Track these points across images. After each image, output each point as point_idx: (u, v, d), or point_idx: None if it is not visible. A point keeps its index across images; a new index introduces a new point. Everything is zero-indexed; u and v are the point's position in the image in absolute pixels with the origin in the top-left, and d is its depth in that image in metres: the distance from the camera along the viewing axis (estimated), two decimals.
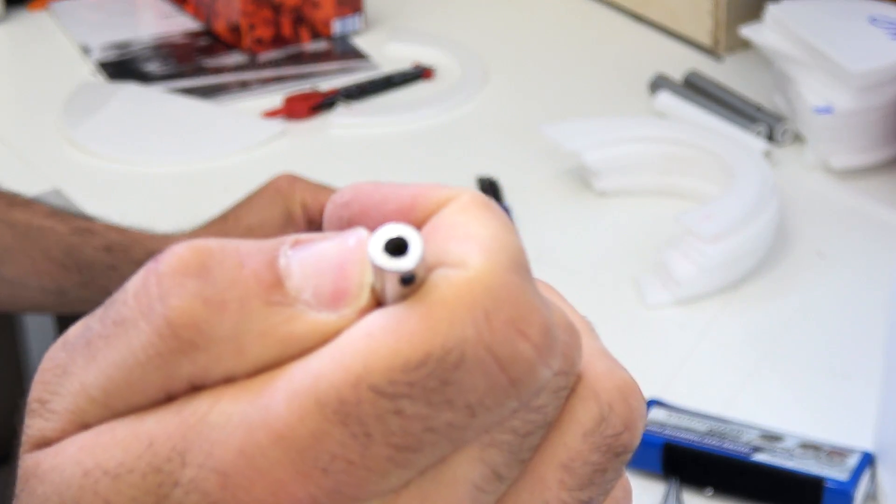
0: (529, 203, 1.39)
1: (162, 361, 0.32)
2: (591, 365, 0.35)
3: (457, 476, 0.33)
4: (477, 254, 0.32)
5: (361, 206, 0.35)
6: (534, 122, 1.49)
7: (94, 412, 0.33)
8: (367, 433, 0.31)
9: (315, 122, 1.56)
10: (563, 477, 0.34)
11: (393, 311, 0.32)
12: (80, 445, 0.33)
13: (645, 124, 1.45)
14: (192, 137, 1.54)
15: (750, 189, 1.29)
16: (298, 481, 0.31)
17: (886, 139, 1.42)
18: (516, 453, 0.33)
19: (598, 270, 1.30)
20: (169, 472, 0.32)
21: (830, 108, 1.40)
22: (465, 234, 0.33)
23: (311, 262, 0.33)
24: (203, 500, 0.32)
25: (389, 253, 0.31)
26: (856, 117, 1.41)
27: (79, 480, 0.32)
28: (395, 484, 0.32)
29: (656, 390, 1.13)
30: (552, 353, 0.32)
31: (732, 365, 1.19)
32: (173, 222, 1.23)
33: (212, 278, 0.32)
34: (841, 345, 1.21)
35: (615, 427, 0.35)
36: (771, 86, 1.52)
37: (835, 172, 1.43)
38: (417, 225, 0.34)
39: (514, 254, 0.32)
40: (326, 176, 1.26)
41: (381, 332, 0.31)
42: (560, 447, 0.34)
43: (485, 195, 0.34)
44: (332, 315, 0.32)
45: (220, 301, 0.32)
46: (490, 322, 0.31)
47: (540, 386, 0.32)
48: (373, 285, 0.32)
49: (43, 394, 0.34)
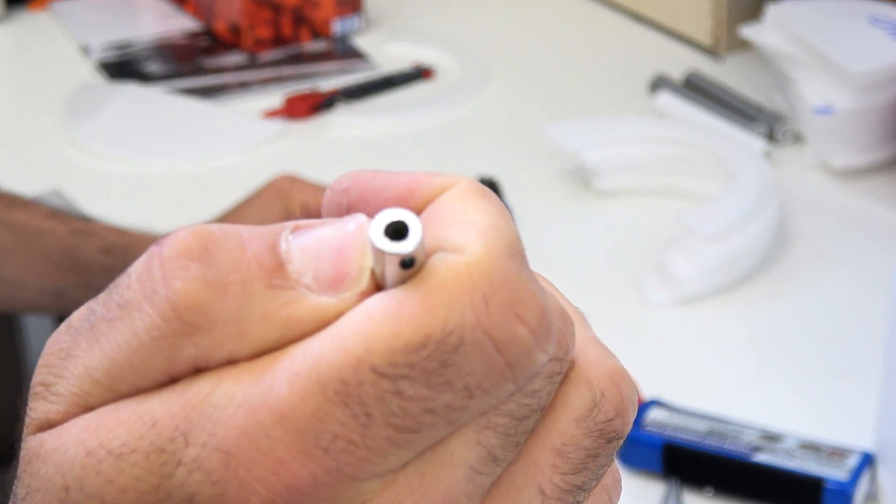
0: (529, 203, 1.39)
1: (165, 344, 0.33)
2: (583, 352, 0.36)
3: (454, 457, 0.34)
4: (475, 239, 0.33)
5: (360, 193, 0.36)
6: (534, 122, 1.49)
7: (97, 394, 0.34)
8: (368, 413, 0.32)
9: (315, 122, 1.56)
10: (555, 461, 0.35)
11: (393, 294, 0.32)
12: (84, 426, 0.33)
13: (645, 124, 1.45)
14: (192, 137, 1.54)
15: (750, 189, 1.29)
16: (300, 460, 0.32)
17: (886, 139, 1.42)
18: (511, 436, 0.34)
19: (598, 270, 1.30)
20: (172, 452, 0.32)
21: (830, 107, 1.40)
22: (462, 221, 0.33)
23: (311, 247, 0.33)
24: (206, 479, 0.32)
25: (389, 237, 0.32)
26: (856, 117, 1.41)
27: (82, 461, 0.33)
28: (394, 464, 0.33)
29: (656, 390, 1.13)
30: (548, 338, 0.33)
31: (732, 364, 1.19)
32: (173, 222, 1.23)
33: (214, 262, 0.33)
34: (841, 345, 1.21)
35: (607, 413, 0.36)
36: (771, 86, 1.52)
37: (835, 172, 1.43)
38: (416, 211, 0.34)
39: (511, 240, 0.33)
40: (327, 175, 1.26)
41: (381, 314, 0.32)
42: (553, 432, 0.35)
43: (481, 184, 0.35)
44: (333, 298, 0.33)
45: (223, 284, 0.33)
46: (488, 306, 0.32)
47: (535, 369, 0.33)
48: (373, 269, 0.33)
49: (47, 377, 0.34)
